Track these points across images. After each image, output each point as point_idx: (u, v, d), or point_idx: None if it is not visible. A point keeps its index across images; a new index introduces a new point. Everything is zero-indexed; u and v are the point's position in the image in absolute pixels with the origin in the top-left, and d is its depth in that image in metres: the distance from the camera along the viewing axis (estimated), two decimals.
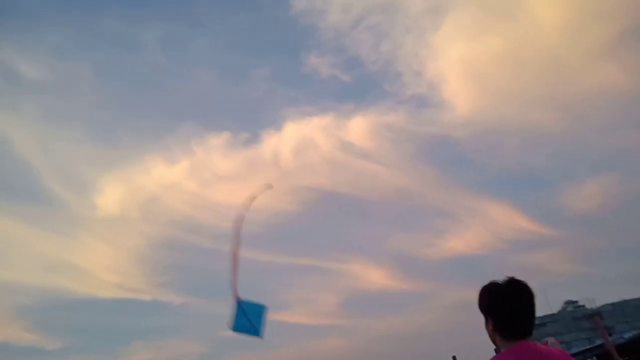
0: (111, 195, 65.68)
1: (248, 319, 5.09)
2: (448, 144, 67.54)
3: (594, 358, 12.80)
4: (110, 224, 64.30)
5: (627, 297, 18.27)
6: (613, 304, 18.16)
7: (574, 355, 10.86)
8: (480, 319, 2.15)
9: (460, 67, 62.16)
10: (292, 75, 72.40)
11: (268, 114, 75.56)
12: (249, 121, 77.55)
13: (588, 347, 13.70)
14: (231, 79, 71.00)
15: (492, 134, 63.72)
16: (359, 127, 68.45)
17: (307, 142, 70.61)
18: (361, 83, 71.22)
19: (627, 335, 13.53)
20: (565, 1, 53.57)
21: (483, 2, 57.16)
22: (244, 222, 5.04)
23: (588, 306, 20.23)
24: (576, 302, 27.77)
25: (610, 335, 15.62)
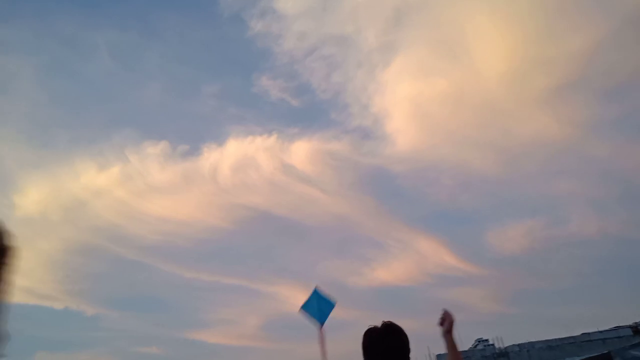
0: (33, 195, 61.88)
1: (319, 306, 5.48)
2: (387, 177, 69.35)
3: None
4: (28, 225, 60.41)
5: (533, 339, 19.30)
6: (520, 345, 19.11)
7: None
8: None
9: (405, 104, 64.37)
10: (242, 94, 72.06)
11: (212, 129, 74.52)
12: (191, 134, 76.11)
13: None
14: (179, 91, 69.65)
15: (429, 171, 66.05)
16: (302, 151, 68.83)
17: (248, 161, 70.03)
18: (309, 109, 72.04)
19: None
20: (508, 50, 56.99)
21: (432, 43, 59.77)
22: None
23: (497, 345, 21.14)
24: (487, 340, 28.90)
25: None
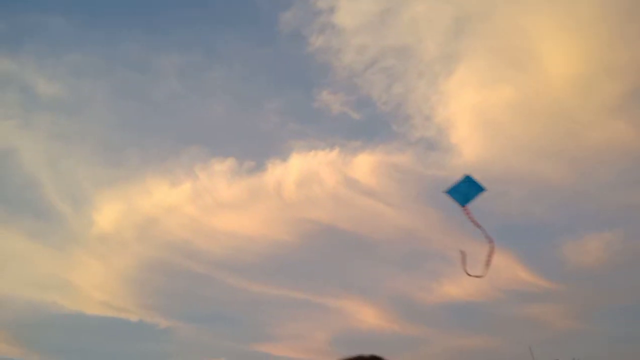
0: (109, 213, 65.11)
1: (466, 191, 5.68)
2: None
3: None
4: (104, 242, 63.84)
5: (613, 357, 18.27)
6: None
7: None
8: None
9: (470, 113, 62.87)
10: (303, 110, 73.17)
11: (275, 144, 76.01)
12: (256, 150, 77.90)
13: None
14: (243, 109, 71.80)
15: (498, 182, 64.00)
16: (365, 165, 68.75)
17: (311, 175, 70.74)
18: (370, 122, 71.90)
19: None
20: (577, 55, 54.63)
21: (496, 51, 58.28)
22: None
23: None
24: None
25: None
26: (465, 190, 5.61)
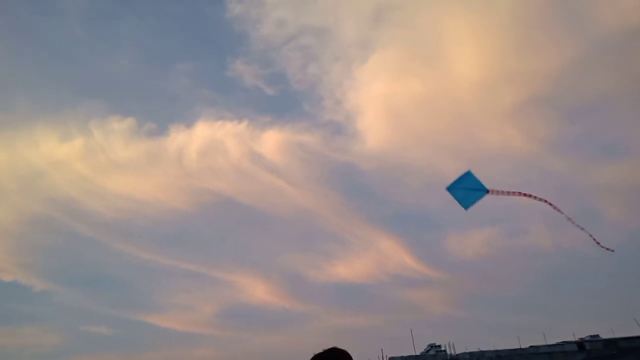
0: None
1: (468, 190, 5.19)
2: (354, 174, 69.62)
3: None
4: None
5: (483, 344, 19.74)
6: (470, 353, 19.51)
7: None
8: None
9: (378, 103, 64.75)
10: (215, 77, 70.84)
11: (181, 109, 73.23)
12: (159, 113, 74.64)
13: None
14: (150, 66, 67.99)
15: (397, 172, 66.63)
16: (272, 141, 68.42)
17: (216, 146, 69.14)
18: (282, 99, 71.66)
19: None
20: (483, 60, 58.07)
21: (410, 45, 60.30)
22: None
23: (448, 351, 21.55)
24: (439, 346, 29.41)
25: None
26: (467, 188, 5.42)
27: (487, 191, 5.52)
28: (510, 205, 58.37)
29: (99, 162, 60.40)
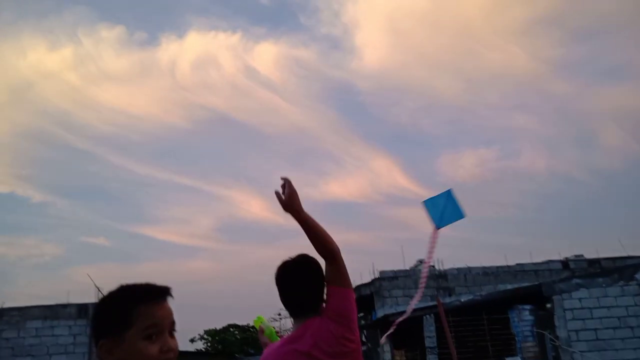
0: None
1: (444, 209, 5.12)
2: (351, 92, 68.49)
3: (432, 315, 14.16)
4: None
5: (471, 263, 20.26)
6: (458, 269, 20.00)
7: (416, 309, 11.81)
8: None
9: (379, 16, 62.40)
10: None
11: (172, 17, 70.56)
12: (150, 21, 71.96)
13: (430, 304, 15.09)
14: None
15: (394, 91, 65.56)
16: (267, 55, 66.63)
17: (209, 58, 67.36)
18: (278, 9, 68.83)
19: (463, 299, 15.11)
20: None
21: None
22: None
23: (437, 267, 22.17)
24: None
25: (450, 295, 17.36)
26: (443, 207, 5.13)
27: (464, 216, 5.26)
28: (506, 127, 58.11)
29: (90, 72, 58.89)
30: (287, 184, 1.99)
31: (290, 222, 2.03)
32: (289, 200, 1.98)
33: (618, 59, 55.40)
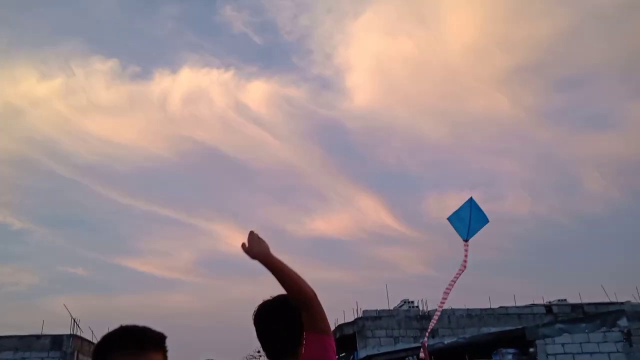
0: None
1: (470, 219, 5.01)
2: (339, 131, 69.20)
3: (415, 356, 13.97)
4: None
5: (454, 304, 20.15)
6: (442, 310, 19.81)
7: (400, 351, 11.67)
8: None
9: (369, 60, 63.83)
10: (203, 22, 68.95)
11: (166, 53, 71.40)
12: (144, 56, 72.69)
13: (413, 345, 14.90)
14: (136, 8, 65.76)
15: (382, 131, 66.37)
16: (258, 92, 67.41)
17: (201, 93, 67.92)
18: (271, 49, 70.05)
19: (447, 341, 14.95)
20: (476, 24, 57.26)
21: (405, 3, 59.01)
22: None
23: (421, 307, 21.97)
24: (412, 302, 30.21)
25: (433, 337, 17.19)
26: (467, 218, 5.18)
27: (488, 221, 5.35)
28: (490, 170, 58.86)
29: (79, 102, 58.90)
30: (251, 235, 1.95)
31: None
32: (256, 246, 1.94)
33: (600, 107, 56.96)
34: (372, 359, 15.62)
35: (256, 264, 2.00)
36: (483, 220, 5.33)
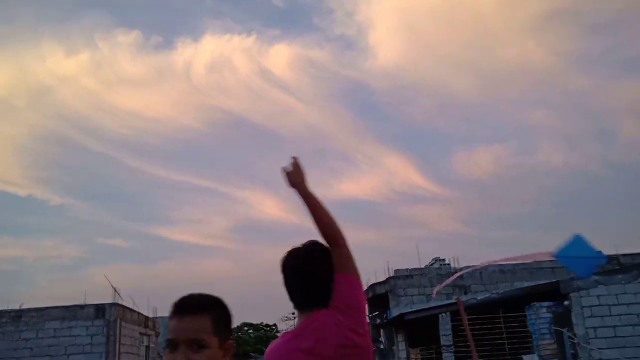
0: None
1: (582, 256, 4.90)
2: (365, 91, 68.25)
3: (448, 313, 14.06)
4: None
5: (487, 260, 20.07)
6: (473, 267, 19.84)
7: (433, 307, 11.75)
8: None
9: (392, 15, 62.10)
10: None
11: (187, 21, 70.94)
12: (165, 25, 72.46)
13: (446, 302, 14.98)
14: None
15: (408, 90, 65.15)
16: (281, 56, 66.73)
17: (224, 61, 67.60)
18: (292, 11, 68.91)
19: (479, 297, 14.98)
20: None
21: None
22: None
23: (452, 265, 22.01)
24: (443, 260, 30.28)
25: (465, 293, 17.22)
26: (578, 253, 4.84)
27: (607, 257, 4.93)
28: (522, 122, 57.45)
29: (106, 77, 59.48)
30: (294, 161, 1.97)
31: (305, 222, 1.96)
32: (294, 173, 1.96)
33: (636, 51, 54.54)
34: (405, 316, 15.80)
35: (286, 228, 1.95)
36: (598, 257, 4.97)
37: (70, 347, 16.08)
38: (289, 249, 1.97)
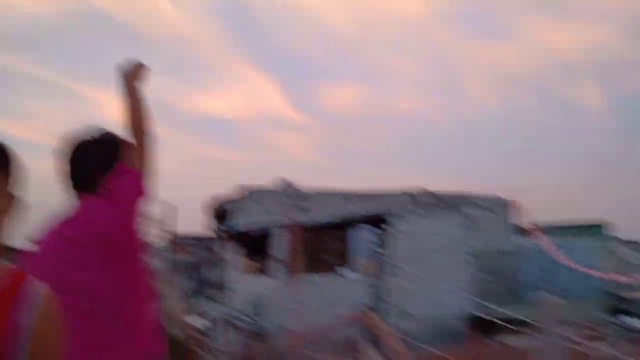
0: None
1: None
2: (246, 9, 65.11)
3: (284, 229, 15.02)
4: None
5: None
6: (319, 192, 21.02)
7: (272, 224, 12.42)
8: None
9: None
10: None
11: None
12: None
13: (283, 220, 15.91)
14: None
15: (292, 11, 63.60)
16: None
17: None
18: None
19: (315, 218, 16.15)
20: None
21: None
22: None
23: (300, 190, 23.05)
24: (291, 183, 31.73)
25: (305, 214, 18.34)
26: None
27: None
28: (387, 66, 59.89)
29: None
30: (143, 69, 1.99)
31: (158, 131, 1.95)
32: (136, 77, 1.97)
33: (501, 19, 58.82)
34: (246, 230, 16.55)
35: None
36: None
37: None
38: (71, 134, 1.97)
